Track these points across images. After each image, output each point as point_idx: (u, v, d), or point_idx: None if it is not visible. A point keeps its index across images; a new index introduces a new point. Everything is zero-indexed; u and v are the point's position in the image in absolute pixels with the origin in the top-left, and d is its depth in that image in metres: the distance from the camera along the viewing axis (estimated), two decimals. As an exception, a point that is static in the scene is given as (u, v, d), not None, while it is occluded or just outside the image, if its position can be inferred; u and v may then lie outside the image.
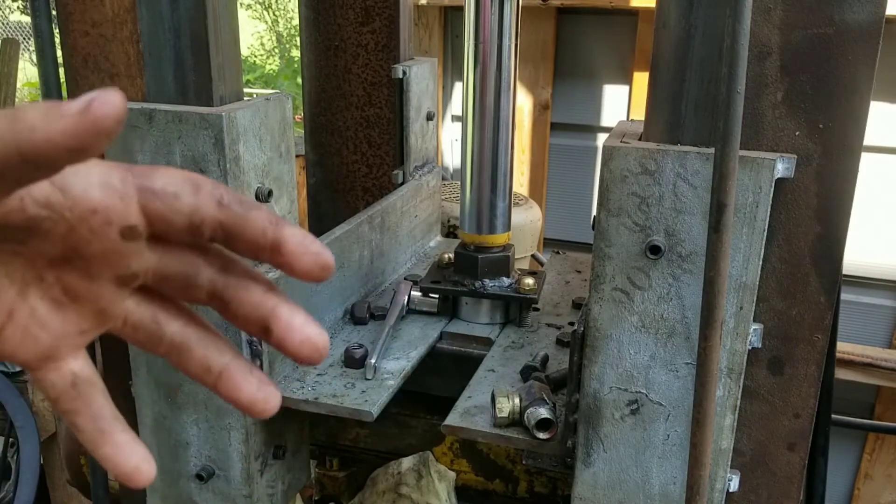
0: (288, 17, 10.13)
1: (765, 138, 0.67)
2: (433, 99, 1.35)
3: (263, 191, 0.86)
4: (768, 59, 0.65)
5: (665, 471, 0.75)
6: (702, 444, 0.66)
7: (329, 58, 1.30)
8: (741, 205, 0.65)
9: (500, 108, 1.00)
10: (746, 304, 0.68)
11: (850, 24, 0.62)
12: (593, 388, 0.74)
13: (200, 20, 0.82)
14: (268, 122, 0.86)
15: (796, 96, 0.65)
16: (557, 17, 2.34)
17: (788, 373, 0.72)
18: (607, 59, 2.36)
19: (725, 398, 0.71)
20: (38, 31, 0.89)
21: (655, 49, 0.70)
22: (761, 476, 0.76)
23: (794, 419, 0.73)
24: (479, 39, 0.97)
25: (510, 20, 0.96)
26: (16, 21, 8.45)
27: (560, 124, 2.45)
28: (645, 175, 0.67)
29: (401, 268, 1.26)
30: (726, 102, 0.59)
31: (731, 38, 0.58)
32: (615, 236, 0.69)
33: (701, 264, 0.66)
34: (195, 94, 0.84)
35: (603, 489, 0.77)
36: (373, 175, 1.34)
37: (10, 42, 3.31)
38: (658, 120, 0.70)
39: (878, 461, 2.19)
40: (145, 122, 0.81)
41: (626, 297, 0.71)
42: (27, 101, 5.57)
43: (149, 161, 0.82)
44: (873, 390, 2.10)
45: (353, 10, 1.26)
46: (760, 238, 0.66)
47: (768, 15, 0.64)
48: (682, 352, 0.71)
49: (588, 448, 0.77)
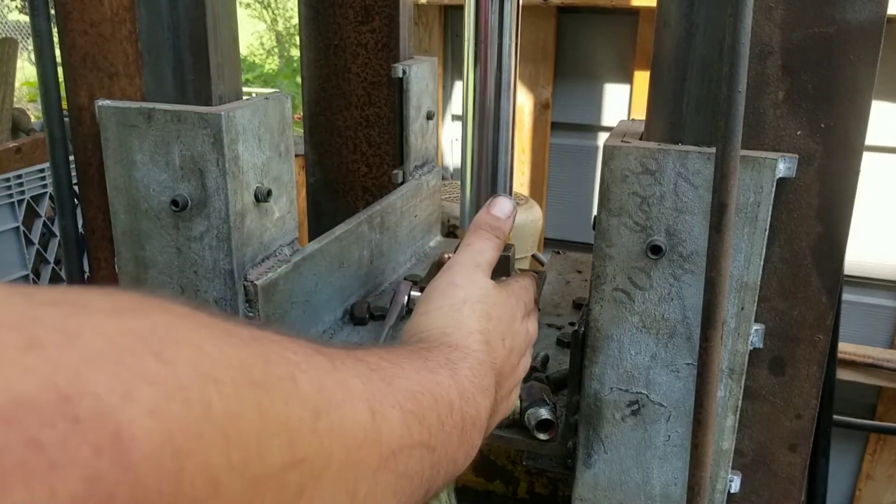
0: (287, 16, 10.12)
1: (766, 138, 0.67)
2: (433, 98, 1.34)
3: (262, 190, 0.85)
4: (769, 58, 0.65)
5: (666, 472, 0.74)
6: (703, 445, 0.66)
7: (328, 57, 1.29)
8: (742, 204, 0.65)
9: (500, 108, 0.99)
10: (748, 304, 0.68)
11: (852, 23, 0.62)
12: (594, 388, 0.74)
13: (199, 19, 0.82)
14: (267, 121, 0.86)
15: (798, 96, 0.65)
16: (558, 16, 2.34)
17: (790, 373, 0.72)
18: (608, 58, 2.35)
19: (727, 399, 0.71)
20: (37, 31, 0.89)
21: (656, 48, 0.69)
22: (763, 477, 0.76)
23: (796, 420, 0.73)
24: (479, 39, 0.96)
25: (510, 19, 0.96)
26: (14, 20, 8.45)
27: (560, 124, 2.45)
28: (646, 175, 0.67)
29: (401, 268, 1.26)
30: (727, 102, 0.59)
31: (732, 37, 0.58)
32: (616, 236, 0.69)
33: (702, 264, 0.66)
34: (194, 93, 0.84)
35: (604, 490, 0.77)
36: (373, 175, 1.33)
37: (9, 41, 3.31)
38: (659, 119, 0.70)
39: (879, 462, 2.19)
40: (144, 122, 0.81)
41: (626, 297, 0.70)
42: (26, 100, 5.57)
43: (147, 160, 0.82)
44: (875, 391, 2.10)
45: (353, 10, 1.26)
46: (762, 238, 0.66)
47: (770, 14, 0.64)
48: (683, 352, 0.70)
49: (589, 449, 0.76)
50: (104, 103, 0.83)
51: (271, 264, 0.90)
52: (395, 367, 0.48)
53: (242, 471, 0.29)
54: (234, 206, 0.82)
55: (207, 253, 0.83)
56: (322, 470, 0.34)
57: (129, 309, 0.29)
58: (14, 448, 0.21)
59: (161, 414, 0.25)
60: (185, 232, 0.83)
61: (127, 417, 0.24)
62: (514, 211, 0.74)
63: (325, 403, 0.36)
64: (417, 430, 0.45)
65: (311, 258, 0.96)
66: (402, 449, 0.43)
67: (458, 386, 0.53)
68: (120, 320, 0.27)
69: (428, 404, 0.47)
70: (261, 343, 0.35)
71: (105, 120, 0.83)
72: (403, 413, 0.44)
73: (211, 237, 0.83)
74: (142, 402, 0.25)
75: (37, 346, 0.24)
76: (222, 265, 0.83)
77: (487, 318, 0.62)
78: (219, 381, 0.29)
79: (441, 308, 0.63)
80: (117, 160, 0.83)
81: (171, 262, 0.85)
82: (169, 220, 0.83)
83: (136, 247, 0.86)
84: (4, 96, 3.08)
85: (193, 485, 0.26)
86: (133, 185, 0.84)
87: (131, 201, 0.84)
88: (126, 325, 0.27)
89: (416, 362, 0.51)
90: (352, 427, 0.38)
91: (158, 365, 0.27)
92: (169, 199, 0.82)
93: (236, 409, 0.29)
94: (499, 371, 0.61)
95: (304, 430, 0.34)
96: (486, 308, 0.63)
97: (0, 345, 0.23)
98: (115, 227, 0.86)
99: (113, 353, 0.26)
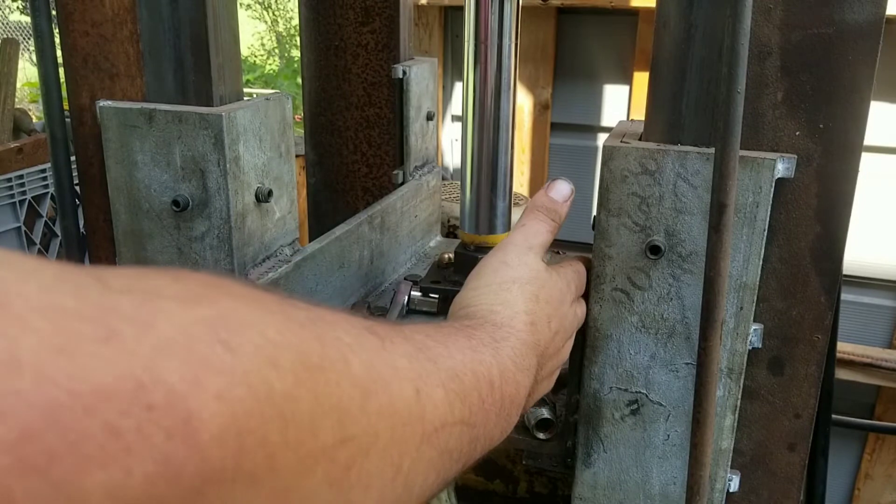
0: (288, 17, 10.13)
1: (765, 138, 0.67)
2: (433, 99, 1.35)
3: (263, 191, 0.86)
4: (768, 59, 0.65)
5: (665, 471, 0.75)
6: (702, 445, 0.66)
7: (329, 58, 1.30)
8: (741, 205, 0.65)
9: (500, 108, 0.99)
10: (747, 304, 0.68)
11: (851, 23, 0.62)
12: (593, 388, 0.74)
13: (200, 20, 0.82)
14: (268, 121, 0.86)
15: (796, 96, 0.65)
16: (557, 16, 2.34)
17: (789, 373, 0.72)
18: (607, 59, 2.36)
19: (726, 398, 0.71)
20: (38, 31, 0.89)
21: (655, 49, 0.70)
22: (762, 476, 0.76)
23: (795, 419, 0.73)
24: (479, 39, 0.97)
25: (510, 20, 0.96)
26: (15, 21, 8.45)
27: (560, 124, 2.45)
28: (645, 175, 0.67)
29: (401, 268, 1.26)
30: (726, 102, 0.59)
31: (731, 37, 0.58)
32: (615, 236, 0.69)
33: (701, 264, 0.66)
34: (195, 93, 0.84)
35: (603, 489, 0.77)
36: (373, 175, 1.34)
37: (10, 42, 3.31)
38: (658, 120, 0.70)
39: (878, 461, 2.19)
40: (145, 122, 0.81)
41: (626, 297, 0.71)
42: (27, 100, 5.57)
43: (149, 160, 0.82)
44: (874, 390, 2.10)
45: (353, 10, 1.26)
46: (761, 238, 0.66)
47: (769, 15, 0.64)
48: (682, 352, 0.71)
49: (588, 448, 0.77)
50: (105, 104, 0.84)
51: (272, 264, 0.90)
52: (440, 345, 0.50)
53: (297, 448, 0.31)
54: (235, 207, 0.82)
55: (208, 253, 0.84)
56: (369, 446, 0.37)
57: (200, 295, 0.31)
58: (94, 434, 0.23)
59: (227, 399, 0.28)
60: (186, 232, 0.84)
61: (196, 403, 0.26)
62: (571, 195, 0.74)
63: (374, 384, 0.38)
64: (459, 408, 0.47)
65: (311, 258, 0.96)
66: (444, 426, 0.45)
67: (499, 365, 0.54)
68: (191, 308, 0.29)
69: (470, 383, 0.49)
70: (317, 325, 0.37)
71: (106, 120, 0.83)
72: (447, 392, 0.46)
73: (212, 237, 0.83)
74: (210, 389, 0.27)
75: (114, 337, 0.26)
76: (223, 265, 0.84)
77: (535, 300, 0.63)
78: (279, 365, 0.31)
79: (490, 286, 0.64)
80: (118, 160, 0.84)
81: (173, 263, 0.85)
82: (170, 220, 0.84)
83: (137, 247, 0.86)
84: (6, 97, 3.08)
85: (254, 460, 0.29)
86: (134, 186, 0.84)
87: (132, 201, 0.85)
88: (196, 314, 0.29)
89: (461, 341, 0.53)
90: (398, 406, 0.40)
91: (225, 353, 0.29)
92: (170, 200, 0.82)
93: (294, 392, 0.31)
94: (542, 352, 0.62)
95: (353, 409, 0.36)
96: (535, 290, 0.64)
97: (81, 336, 0.25)
98: (117, 227, 0.86)
99: (184, 342, 0.28)
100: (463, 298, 0.65)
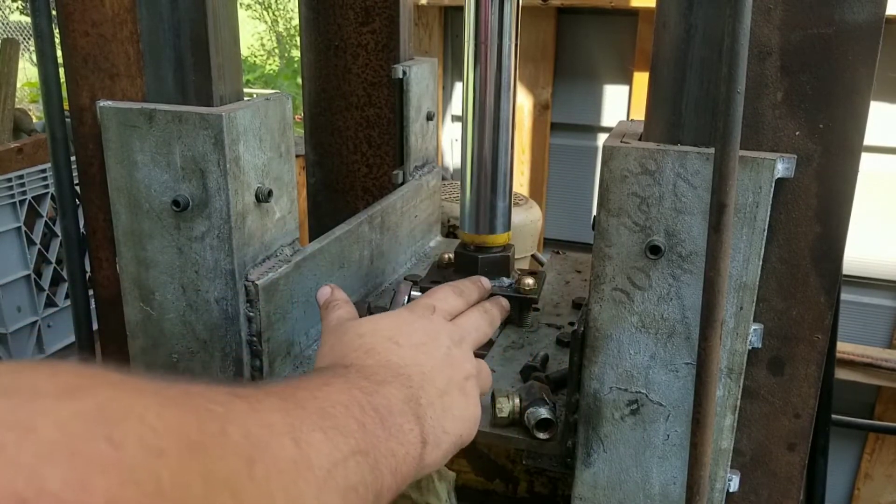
0: (288, 17, 10.13)
1: (765, 138, 0.67)
2: (433, 99, 1.35)
3: (263, 191, 0.86)
4: (768, 59, 0.65)
5: (665, 471, 0.75)
6: (702, 445, 0.66)
7: (329, 58, 1.30)
8: (741, 205, 0.65)
9: (500, 108, 0.99)
10: (746, 304, 0.68)
11: (851, 24, 0.62)
12: (593, 388, 0.74)
13: (200, 20, 0.82)
14: (268, 122, 0.86)
15: (796, 96, 0.65)
16: (557, 16, 2.34)
17: (788, 373, 0.72)
18: (607, 59, 2.36)
19: (725, 398, 0.71)
20: (38, 31, 0.89)
21: (655, 49, 0.70)
22: (761, 476, 0.76)
23: (795, 419, 0.73)
24: (479, 39, 0.97)
25: (510, 20, 0.96)
26: (16, 21, 8.45)
27: (560, 124, 2.45)
28: (645, 175, 0.67)
29: (401, 268, 1.26)
30: (726, 102, 0.59)
31: (731, 38, 0.58)
32: (615, 236, 0.69)
33: (701, 264, 0.66)
34: (195, 94, 0.84)
35: (603, 489, 0.77)
36: (373, 175, 1.34)
37: (10, 42, 3.31)
38: (658, 120, 0.70)
39: (878, 461, 2.19)
40: (145, 122, 0.81)
41: (626, 297, 0.71)
42: (27, 100, 5.57)
43: (148, 160, 0.82)
44: (873, 390, 2.10)
45: (353, 11, 1.26)
46: (760, 238, 0.66)
47: (768, 15, 0.64)
48: (682, 352, 0.71)
49: (588, 448, 0.77)
50: (105, 104, 0.84)
51: (272, 264, 0.90)
52: (302, 389, 0.51)
53: None
54: (235, 207, 0.82)
55: (208, 253, 0.84)
56: None
57: (76, 387, 0.30)
58: None
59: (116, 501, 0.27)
60: (186, 232, 0.84)
61: None
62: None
63: (255, 448, 0.38)
64: (343, 441, 0.48)
65: (311, 258, 0.96)
66: (335, 466, 0.45)
67: (356, 386, 0.57)
68: (69, 402, 0.29)
69: (342, 414, 0.50)
70: (190, 398, 0.37)
71: (106, 120, 0.83)
72: (325, 432, 0.47)
73: (212, 237, 0.83)
74: (97, 493, 0.26)
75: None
76: (223, 265, 0.84)
77: (362, 335, 0.68)
78: (164, 452, 0.31)
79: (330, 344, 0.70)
80: (118, 160, 0.84)
81: (173, 262, 0.85)
82: (170, 220, 0.84)
83: (137, 247, 0.86)
84: (6, 97, 3.08)
85: None
86: (134, 186, 0.84)
87: (132, 201, 0.85)
88: (75, 408, 0.29)
89: (315, 380, 0.56)
90: (284, 464, 0.40)
91: (109, 449, 0.28)
92: (170, 200, 0.82)
93: (182, 478, 0.31)
94: (396, 364, 0.65)
95: (243, 479, 0.36)
96: (364, 327, 0.70)
97: None
98: (117, 227, 0.86)
99: (66, 443, 0.27)
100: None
